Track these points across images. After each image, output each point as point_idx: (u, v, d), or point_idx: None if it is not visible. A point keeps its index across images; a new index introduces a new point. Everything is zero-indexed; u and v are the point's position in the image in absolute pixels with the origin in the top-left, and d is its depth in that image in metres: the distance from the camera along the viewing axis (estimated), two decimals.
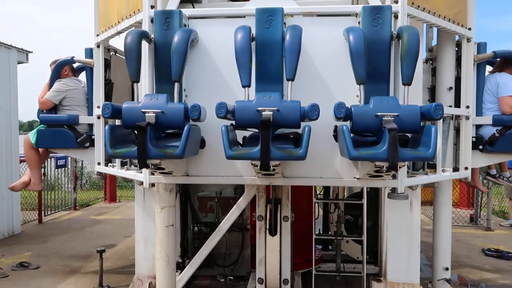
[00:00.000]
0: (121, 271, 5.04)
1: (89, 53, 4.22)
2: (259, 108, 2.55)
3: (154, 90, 3.10)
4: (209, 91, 3.14)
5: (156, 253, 3.38)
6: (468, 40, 3.75)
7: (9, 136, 6.57)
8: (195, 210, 4.88)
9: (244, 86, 2.72)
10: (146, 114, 2.63)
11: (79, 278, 4.63)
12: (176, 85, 2.80)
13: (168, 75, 2.92)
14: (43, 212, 8.08)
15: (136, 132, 2.59)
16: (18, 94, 6.91)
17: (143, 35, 2.94)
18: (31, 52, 7.28)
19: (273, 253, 3.77)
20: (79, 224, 7.80)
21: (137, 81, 2.84)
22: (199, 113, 2.63)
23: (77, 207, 9.62)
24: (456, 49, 4.01)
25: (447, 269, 4.05)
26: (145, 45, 3.04)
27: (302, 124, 2.66)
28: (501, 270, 5.26)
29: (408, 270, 3.86)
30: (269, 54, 2.96)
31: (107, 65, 4.20)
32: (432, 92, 4.37)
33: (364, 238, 4.28)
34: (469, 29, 3.73)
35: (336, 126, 2.84)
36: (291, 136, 2.90)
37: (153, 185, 3.24)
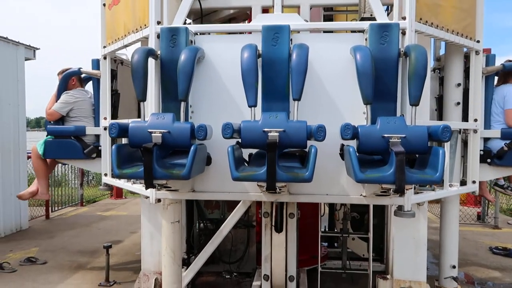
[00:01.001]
0: (127, 267, 5.07)
1: (96, 64, 4.23)
2: (265, 129, 2.55)
3: (161, 107, 3.10)
4: (216, 107, 3.14)
5: (162, 249, 3.39)
6: (477, 52, 3.72)
7: (17, 132, 6.60)
8: (201, 206, 4.89)
9: (250, 106, 2.71)
10: (152, 134, 2.63)
11: (86, 273, 4.67)
12: (183, 104, 2.80)
13: (174, 92, 2.92)
14: (50, 208, 8.14)
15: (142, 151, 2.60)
16: (25, 90, 6.94)
17: (150, 53, 2.94)
18: (38, 49, 7.31)
19: (279, 250, 3.76)
20: (85, 220, 7.85)
21: (144, 100, 2.84)
22: (205, 133, 2.63)
23: (84, 203, 9.69)
24: (464, 60, 3.97)
25: (454, 267, 4.02)
26: (151, 61, 3.05)
27: (309, 142, 2.66)
28: (508, 268, 5.21)
29: (415, 268, 3.84)
30: (276, 71, 2.94)
31: (114, 75, 4.22)
32: (439, 101, 4.34)
33: (370, 235, 4.26)
34: (478, 41, 3.69)
35: (342, 145, 2.83)
36: (297, 154, 2.90)
37: (159, 200, 3.25)
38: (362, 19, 4.65)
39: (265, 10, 3.82)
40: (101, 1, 4.05)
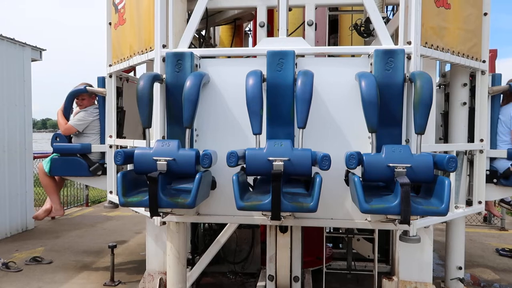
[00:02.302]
0: (132, 267, 5.08)
1: (102, 82, 4.25)
2: (270, 158, 2.55)
3: (166, 131, 3.11)
4: (221, 130, 3.14)
5: (167, 249, 3.40)
6: (483, 72, 3.70)
7: (23, 133, 6.63)
8: None
9: (255, 134, 2.71)
10: (157, 162, 2.64)
11: (91, 273, 4.69)
12: (187, 131, 2.80)
13: (179, 117, 2.93)
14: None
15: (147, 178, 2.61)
16: (32, 91, 6.98)
17: (155, 79, 2.95)
18: (45, 50, 7.35)
19: (283, 251, 3.76)
20: (91, 220, 7.86)
21: (149, 127, 2.85)
22: (210, 161, 2.63)
23: (89, 204, 9.71)
24: (470, 78, 3.96)
25: (460, 268, 4.00)
26: (156, 85, 3.06)
27: (314, 168, 2.66)
28: None
29: (421, 269, 3.81)
30: (280, 96, 2.94)
31: (119, 93, 4.24)
32: (445, 117, 4.33)
33: (376, 236, 4.24)
34: (483, 61, 3.68)
35: (347, 171, 2.82)
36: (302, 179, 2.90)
37: (164, 223, 3.26)
38: (367, 19, 4.65)
39: (270, 10, 3.80)
40: (107, 20, 4.07)
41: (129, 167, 3.33)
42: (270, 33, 4.42)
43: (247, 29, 5.86)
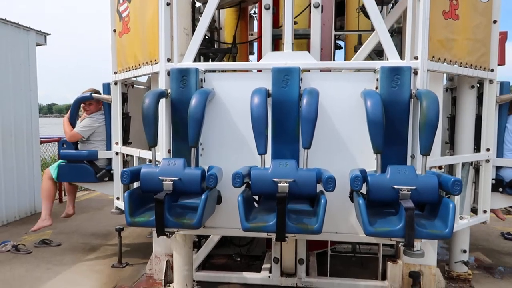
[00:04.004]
0: (139, 249, 5.10)
1: (107, 88, 4.26)
2: (275, 179, 2.57)
3: (171, 147, 3.13)
4: (226, 144, 3.16)
5: None
6: (491, 81, 3.66)
7: (30, 118, 6.65)
8: None
9: (260, 154, 2.72)
10: (163, 182, 2.67)
11: (99, 255, 4.75)
12: (193, 150, 2.82)
13: (184, 132, 2.94)
14: (63, 192, 8.01)
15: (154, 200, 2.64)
16: (37, 76, 6.97)
17: (160, 96, 2.96)
18: (49, 34, 7.30)
19: None
20: (98, 203, 7.84)
21: (155, 145, 2.87)
22: (216, 181, 2.65)
23: None
24: (478, 85, 3.91)
25: (464, 251, 3.98)
26: (162, 100, 3.07)
27: (319, 186, 2.67)
28: None
29: (425, 252, 3.80)
30: (285, 113, 2.94)
31: (125, 99, 4.25)
32: (452, 121, 4.30)
33: None
34: (492, 70, 3.63)
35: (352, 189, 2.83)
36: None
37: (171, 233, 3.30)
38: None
39: None
40: (111, 26, 4.05)
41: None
42: (276, 15, 4.37)
43: (252, 11, 5.79)
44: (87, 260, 4.56)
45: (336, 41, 5.37)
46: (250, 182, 2.70)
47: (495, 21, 3.62)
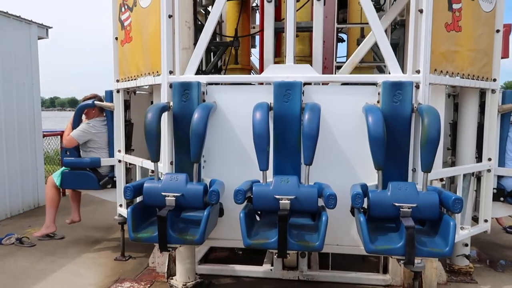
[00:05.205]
0: (142, 243, 5.16)
1: (109, 96, 4.27)
2: (277, 196, 2.59)
3: (174, 159, 3.15)
4: (228, 156, 3.18)
5: None
6: (493, 91, 3.65)
7: (32, 111, 6.65)
8: None
9: (262, 170, 2.74)
10: (166, 198, 2.70)
11: (102, 248, 4.76)
12: (195, 166, 2.84)
13: (187, 145, 2.96)
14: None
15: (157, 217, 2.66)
16: (39, 69, 6.94)
17: (163, 110, 2.97)
18: (51, 27, 7.26)
19: None
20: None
21: (157, 161, 2.89)
22: (218, 198, 2.68)
23: None
24: (480, 93, 3.90)
25: (466, 245, 3.96)
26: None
27: (320, 200, 2.69)
28: None
29: None
30: (287, 127, 2.96)
31: (127, 106, 4.26)
32: (454, 127, 4.29)
33: None
34: (494, 80, 3.62)
35: None
36: None
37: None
38: None
39: None
40: (113, 34, 4.05)
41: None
42: (278, 8, 4.35)
43: (254, 4, 5.78)
44: (91, 252, 4.58)
45: (339, 34, 5.36)
46: (252, 196, 2.73)
47: (498, 31, 3.60)
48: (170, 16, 3.17)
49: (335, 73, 4.34)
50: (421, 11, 2.92)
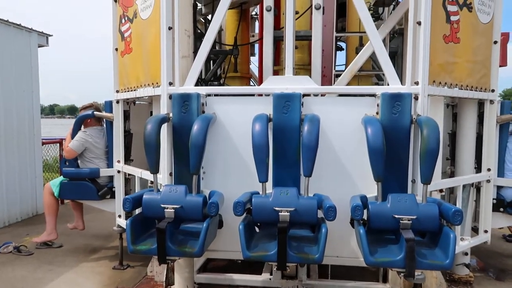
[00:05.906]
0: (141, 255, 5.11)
1: (109, 106, 4.27)
2: (276, 208, 2.58)
3: (173, 170, 3.15)
4: (227, 167, 3.18)
5: None
6: (491, 102, 3.66)
7: (32, 119, 6.66)
8: None
9: (261, 182, 2.73)
10: (165, 210, 2.69)
11: (100, 256, 4.74)
12: (194, 177, 2.83)
13: (186, 155, 2.95)
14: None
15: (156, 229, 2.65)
16: (39, 77, 6.95)
17: (162, 122, 2.97)
18: (51, 35, 7.32)
19: None
20: None
21: (157, 172, 2.88)
22: (217, 210, 2.67)
23: None
24: (478, 104, 3.91)
25: (466, 254, 3.95)
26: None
27: (320, 212, 2.68)
28: None
29: None
30: (287, 138, 2.96)
31: (126, 116, 4.26)
32: (453, 137, 4.30)
33: None
34: (492, 90, 3.64)
35: None
36: None
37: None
38: (376, 3, 4.56)
39: None
40: (113, 45, 4.07)
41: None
42: (277, 17, 4.36)
43: (253, 13, 5.81)
44: (89, 261, 4.56)
45: (338, 43, 5.39)
46: (251, 208, 2.72)
47: (495, 42, 3.63)
48: (170, 28, 3.19)
49: (334, 81, 4.36)
50: (419, 23, 2.94)
